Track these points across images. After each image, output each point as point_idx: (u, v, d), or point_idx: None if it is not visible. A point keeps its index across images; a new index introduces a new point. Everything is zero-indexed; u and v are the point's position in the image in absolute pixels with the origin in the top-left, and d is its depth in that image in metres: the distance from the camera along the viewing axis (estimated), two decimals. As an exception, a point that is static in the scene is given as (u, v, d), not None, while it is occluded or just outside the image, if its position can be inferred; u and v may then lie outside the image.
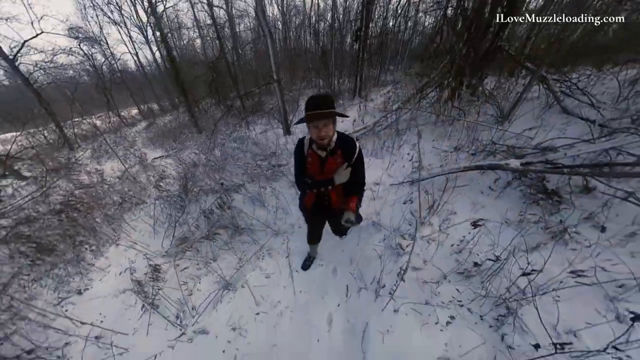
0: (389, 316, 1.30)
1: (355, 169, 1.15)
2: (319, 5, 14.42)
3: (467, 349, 1.13)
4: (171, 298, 1.60)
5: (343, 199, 1.24)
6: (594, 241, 1.51)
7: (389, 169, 2.75)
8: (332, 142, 1.07)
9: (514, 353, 1.08)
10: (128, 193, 3.24)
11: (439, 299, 1.36)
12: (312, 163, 1.14)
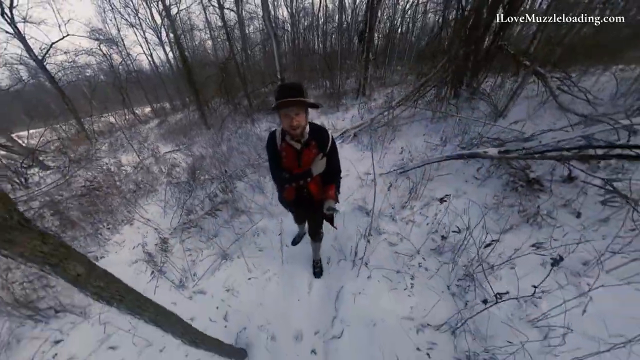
0: (363, 282, 1.49)
1: (330, 158, 1.16)
2: (326, 7, 14.62)
3: (430, 312, 1.30)
4: (177, 266, 1.84)
5: (322, 189, 1.25)
6: (567, 224, 1.65)
7: (380, 161, 2.93)
8: (305, 133, 1.06)
9: (469, 311, 1.25)
10: (142, 182, 3.55)
11: (410, 270, 1.53)
12: (287, 156, 1.12)
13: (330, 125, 4.77)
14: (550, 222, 1.73)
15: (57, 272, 0.48)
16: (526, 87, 4.24)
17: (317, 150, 1.11)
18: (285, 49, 15.05)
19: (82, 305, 1.70)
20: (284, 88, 0.94)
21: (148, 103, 11.72)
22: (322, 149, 1.11)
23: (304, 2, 15.78)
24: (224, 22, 8.29)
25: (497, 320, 1.21)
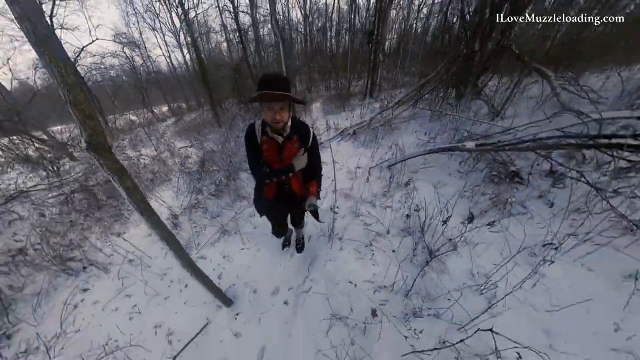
0: (335, 252, 1.75)
1: (312, 154, 1.16)
2: (340, 8, 14.93)
3: (389, 278, 1.53)
4: (184, 238, 2.18)
5: (303, 186, 1.26)
6: (539, 214, 1.81)
7: (372, 156, 3.16)
8: (287, 127, 1.05)
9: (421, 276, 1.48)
10: (158, 172, 3.98)
11: (378, 244, 1.77)
12: (268, 150, 1.09)
13: (333, 125, 5.04)
14: (522, 211, 1.91)
15: (121, 182, 0.83)
16: (530, 87, 4.33)
17: (300, 145, 1.11)
18: (299, 50, 15.52)
19: (105, 263, 2.07)
20: (267, 78, 0.89)
21: (166, 103, 12.55)
22: (304, 144, 1.12)
23: (318, 3, 16.18)
24: (238, 26, 8.80)
25: (448, 287, 1.43)
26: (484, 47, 4.54)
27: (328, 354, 1.19)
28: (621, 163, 1.73)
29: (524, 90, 4.26)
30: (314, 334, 1.28)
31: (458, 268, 1.54)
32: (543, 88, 3.77)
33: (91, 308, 1.72)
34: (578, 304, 1.19)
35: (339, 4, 15.15)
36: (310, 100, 9.08)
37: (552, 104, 3.51)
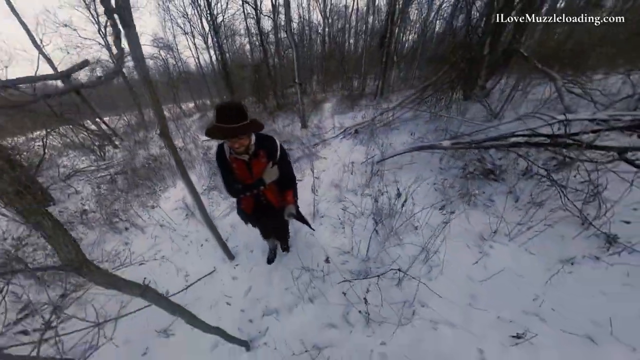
0: (316, 227, 2.18)
1: (281, 166, 1.19)
2: (358, 10, 15.12)
3: (356, 247, 1.93)
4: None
5: (280, 195, 1.31)
6: (502, 206, 2.05)
7: (367, 153, 3.53)
8: (251, 146, 1.07)
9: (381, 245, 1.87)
10: (185, 160, 4.63)
11: (350, 223, 2.18)
12: (238, 168, 1.14)
13: (338, 124, 5.43)
14: (487, 203, 2.21)
15: (174, 156, 1.33)
16: (537, 89, 4.42)
17: (267, 159, 1.14)
18: (317, 50, 15.93)
19: (142, 226, 2.68)
20: (221, 112, 0.91)
21: (192, 100, 13.60)
22: (272, 158, 1.15)
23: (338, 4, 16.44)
24: (259, 29, 9.42)
25: (400, 259, 1.80)
26: (493, 51, 4.71)
27: (293, 292, 1.63)
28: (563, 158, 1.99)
29: (529, 92, 4.37)
30: (286, 279, 1.73)
31: (413, 244, 1.90)
32: (550, 90, 3.79)
33: (130, 256, 2.30)
34: (499, 273, 1.52)
35: (358, 4, 15.36)
36: (323, 100, 9.50)
37: (553, 106, 3.64)
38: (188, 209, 2.80)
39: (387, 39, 7.90)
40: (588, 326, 1.18)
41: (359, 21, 15.67)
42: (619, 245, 1.54)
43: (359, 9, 15.26)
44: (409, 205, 2.07)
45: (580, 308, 1.26)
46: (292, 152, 4.20)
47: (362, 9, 15.21)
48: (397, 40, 11.06)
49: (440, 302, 1.36)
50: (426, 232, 1.93)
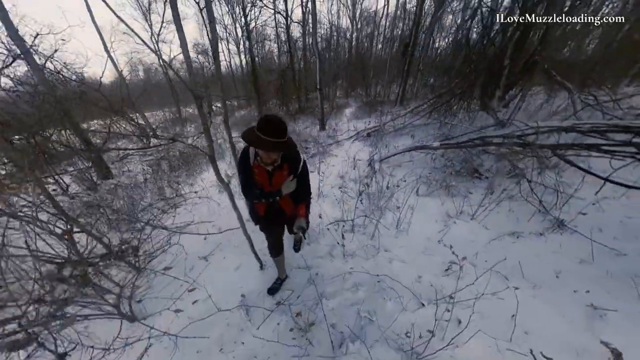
0: (320, 202, 2.85)
1: (301, 180, 1.28)
2: (387, 16, 15.79)
3: (348, 218, 2.57)
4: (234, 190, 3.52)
5: (293, 205, 1.39)
6: (476, 196, 2.59)
7: (373, 152, 4.16)
8: (278, 159, 1.17)
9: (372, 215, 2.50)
10: (215, 152, 5.58)
11: (347, 201, 2.82)
12: (259, 175, 1.22)
13: (353, 128, 6.11)
14: (464, 194, 2.75)
15: (209, 148, 2.09)
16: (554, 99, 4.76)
17: (289, 172, 1.23)
18: (345, 54, 16.82)
19: (184, 196, 3.53)
20: (267, 124, 1.00)
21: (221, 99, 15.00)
22: (294, 172, 1.24)
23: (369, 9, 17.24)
24: (288, 36, 10.50)
25: (379, 225, 2.41)
26: (513, 62, 5.17)
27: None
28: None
29: (544, 103, 4.75)
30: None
31: (393, 219, 2.50)
32: (567, 101, 4.13)
33: (172, 219, 3.14)
34: (453, 237, 2.10)
35: (388, 10, 16.03)
36: (344, 105, 10.26)
37: (565, 116, 3.99)
38: (220, 187, 3.63)
39: (410, 47, 8.46)
40: (508, 270, 1.71)
41: (388, 27, 16.25)
42: (565, 228, 2.03)
43: (388, 15, 15.94)
44: (394, 190, 2.68)
45: (508, 260, 1.78)
46: (308, 150, 4.95)
47: (391, 14, 15.80)
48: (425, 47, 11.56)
49: (399, 250, 1.97)
50: (404, 211, 2.53)
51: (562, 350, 1.19)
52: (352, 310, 1.46)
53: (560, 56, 6.17)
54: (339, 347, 1.25)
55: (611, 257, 1.68)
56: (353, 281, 1.71)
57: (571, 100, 4.14)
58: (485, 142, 2.70)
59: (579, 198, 2.22)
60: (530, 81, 5.45)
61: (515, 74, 5.50)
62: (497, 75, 5.29)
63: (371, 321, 1.35)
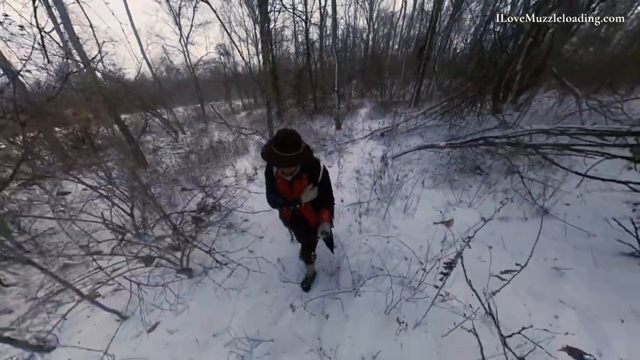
0: (340, 191, 3.36)
1: (322, 187, 1.37)
2: (405, 17, 16.08)
3: (364, 201, 3.07)
4: (258, 179, 4.09)
5: (315, 214, 1.47)
6: (476, 188, 3.05)
7: (386, 150, 4.63)
8: (297, 169, 1.26)
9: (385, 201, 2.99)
10: (239, 148, 6.21)
11: (363, 190, 3.31)
12: (281, 184, 1.34)
13: (368, 127, 6.58)
14: (466, 188, 3.19)
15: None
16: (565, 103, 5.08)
17: (308, 181, 1.31)
18: (360, 54, 17.25)
19: (214, 181, 4.14)
20: (280, 142, 1.11)
21: (239, 98, 15.95)
22: (313, 180, 1.32)
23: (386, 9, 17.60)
24: (307, 39, 11.09)
25: (389, 211, 2.89)
26: (525, 68, 5.52)
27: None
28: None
29: (552, 107, 5.09)
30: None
31: (401, 205, 2.97)
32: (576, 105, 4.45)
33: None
34: (449, 219, 2.56)
35: (405, 11, 16.35)
36: (359, 105, 10.72)
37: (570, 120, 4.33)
38: (248, 177, 4.21)
39: (425, 50, 8.82)
40: (492, 243, 2.16)
41: (405, 28, 16.53)
42: (548, 214, 2.45)
43: (405, 16, 16.24)
44: (403, 181, 3.16)
45: (494, 236, 2.23)
46: (325, 147, 5.47)
47: (409, 15, 16.08)
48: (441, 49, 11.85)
49: (406, 228, 2.45)
50: (411, 199, 3.01)
51: (525, 294, 1.65)
52: (367, 263, 1.96)
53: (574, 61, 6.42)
54: (358, 282, 1.75)
55: (581, 236, 2.10)
56: (367, 247, 2.21)
57: (577, 105, 4.47)
58: (486, 142, 3.13)
59: (567, 192, 2.63)
60: (541, 85, 5.75)
61: (527, 78, 5.84)
62: (510, 80, 5.65)
63: (381, 269, 1.85)
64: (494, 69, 5.36)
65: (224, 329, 1.67)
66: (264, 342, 1.47)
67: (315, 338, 1.42)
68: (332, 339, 1.40)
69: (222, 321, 1.73)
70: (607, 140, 2.38)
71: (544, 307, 1.57)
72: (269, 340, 1.47)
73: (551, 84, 5.98)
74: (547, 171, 2.93)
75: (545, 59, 5.37)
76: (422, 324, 1.39)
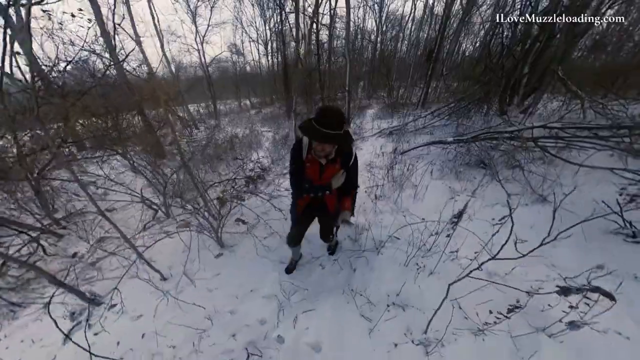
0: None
1: (350, 174, 1.34)
2: (414, 19, 16.42)
3: (377, 186, 3.37)
4: (272, 173, 4.42)
5: (336, 200, 1.45)
6: (477, 180, 3.35)
7: (395, 146, 4.94)
8: (332, 152, 1.23)
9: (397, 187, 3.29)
10: (252, 143, 6.56)
11: (375, 178, 3.61)
12: (311, 168, 1.28)
13: (376, 126, 6.90)
14: (470, 179, 3.48)
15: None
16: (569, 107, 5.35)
17: (340, 166, 1.29)
18: (369, 56, 17.63)
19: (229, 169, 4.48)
20: (325, 115, 1.05)
21: (248, 97, 16.43)
22: (345, 166, 1.30)
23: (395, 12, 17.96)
24: (317, 40, 11.49)
25: (401, 196, 3.19)
26: (532, 71, 5.81)
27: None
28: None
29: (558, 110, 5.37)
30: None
31: (411, 192, 3.27)
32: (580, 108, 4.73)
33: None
34: (454, 205, 2.86)
35: (415, 14, 16.71)
36: (366, 106, 11.05)
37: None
38: (262, 168, 4.55)
39: (434, 53, 9.15)
40: (495, 220, 2.45)
41: (414, 30, 16.84)
42: (546, 202, 2.73)
43: (415, 18, 16.59)
44: (413, 171, 3.47)
45: (496, 216, 2.51)
46: (336, 143, 5.80)
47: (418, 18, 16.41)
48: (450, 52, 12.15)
49: (416, 210, 2.75)
50: (420, 188, 3.31)
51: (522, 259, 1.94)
52: (384, 235, 2.26)
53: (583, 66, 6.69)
54: (380, 244, 2.06)
55: (569, 216, 2.39)
56: (385, 223, 2.52)
57: (582, 108, 4.75)
58: (490, 136, 3.43)
59: (565, 185, 2.92)
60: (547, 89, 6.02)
61: (533, 82, 6.12)
62: (516, 84, 5.93)
63: (397, 239, 2.15)
64: (501, 72, 5.65)
65: (261, 286, 1.98)
66: (300, 290, 1.77)
67: (346, 285, 1.73)
68: (360, 284, 1.71)
69: (259, 280, 2.04)
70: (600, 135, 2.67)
71: (539, 269, 1.85)
72: (304, 289, 1.78)
73: (555, 87, 6.25)
74: (548, 167, 3.22)
75: (552, 63, 5.65)
76: (436, 273, 1.69)
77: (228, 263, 2.33)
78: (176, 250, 2.51)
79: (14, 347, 1.98)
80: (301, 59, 8.08)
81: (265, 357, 1.37)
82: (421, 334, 1.34)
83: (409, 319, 1.41)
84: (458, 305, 1.46)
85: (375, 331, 1.36)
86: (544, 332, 1.37)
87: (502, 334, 1.34)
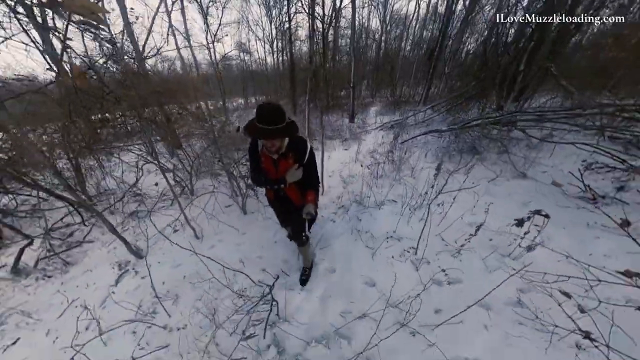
0: (354, 165, 4.12)
1: (307, 169, 1.38)
2: (418, 18, 16.77)
3: (375, 174, 3.82)
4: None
5: (300, 194, 1.50)
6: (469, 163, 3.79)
7: (395, 137, 5.37)
8: (283, 146, 1.27)
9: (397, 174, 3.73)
10: (260, 134, 7.03)
11: (374, 165, 4.05)
12: (265, 162, 1.36)
13: (379, 121, 7.34)
14: (461, 162, 3.90)
15: None
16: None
17: (294, 161, 1.35)
18: (373, 55, 18.04)
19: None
20: (261, 112, 1.10)
21: (254, 94, 17.01)
22: (299, 160, 1.35)
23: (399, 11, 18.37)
24: (323, 40, 11.98)
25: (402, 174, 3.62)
26: (527, 68, 6.20)
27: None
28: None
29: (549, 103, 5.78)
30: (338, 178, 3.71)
31: (410, 170, 3.69)
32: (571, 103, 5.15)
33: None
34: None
35: (419, 13, 17.08)
36: (370, 104, 11.50)
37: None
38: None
39: (436, 53, 9.57)
40: (480, 193, 2.87)
41: (418, 29, 17.21)
42: (527, 177, 3.15)
43: (419, 17, 16.96)
44: (411, 153, 3.91)
45: (480, 188, 2.94)
46: (342, 134, 6.25)
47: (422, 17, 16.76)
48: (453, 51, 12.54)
49: (413, 183, 3.19)
50: (416, 171, 3.74)
51: (505, 219, 2.37)
52: (385, 198, 2.71)
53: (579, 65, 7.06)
54: (380, 203, 2.51)
55: (550, 190, 2.80)
56: (384, 193, 2.96)
57: (572, 103, 5.15)
58: (477, 123, 3.86)
59: (546, 165, 3.34)
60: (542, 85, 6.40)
61: (529, 79, 6.52)
62: (512, 80, 6.33)
63: (394, 202, 2.60)
64: (497, 70, 6.07)
65: (283, 238, 2.42)
66: (315, 237, 2.22)
67: (354, 229, 2.18)
68: (365, 228, 2.16)
69: (280, 235, 2.49)
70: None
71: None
72: (319, 236, 2.23)
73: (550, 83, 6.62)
74: (530, 151, 3.63)
75: (546, 60, 6.04)
76: (424, 219, 2.13)
77: (252, 225, 2.78)
78: (204, 216, 2.98)
79: (72, 291, 2.44)
80: (310, 58, 8.53)
81: (292, 277, 1.81)
82: (412, 255, 1.78)
83: (404, 246, 1.86)
84: (441, 238, 1.90)
85: (377, 254, 1.81)
86: (509, 257, 1.80)
87: (475, 255, 1.78)
